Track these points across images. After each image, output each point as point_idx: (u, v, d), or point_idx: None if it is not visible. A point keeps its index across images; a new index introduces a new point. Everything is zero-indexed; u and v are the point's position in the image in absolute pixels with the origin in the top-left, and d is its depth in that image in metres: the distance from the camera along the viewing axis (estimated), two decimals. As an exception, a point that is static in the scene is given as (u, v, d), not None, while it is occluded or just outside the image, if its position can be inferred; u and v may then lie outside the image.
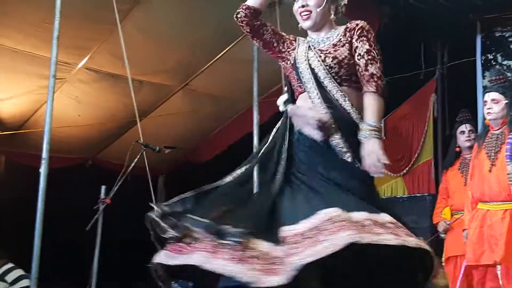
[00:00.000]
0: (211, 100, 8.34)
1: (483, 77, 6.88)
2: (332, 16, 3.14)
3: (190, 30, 6.95)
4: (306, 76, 3.01)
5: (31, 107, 7.82)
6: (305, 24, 3.13)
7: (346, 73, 2.97)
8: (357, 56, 2.97)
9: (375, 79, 2.90)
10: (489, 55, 7.05)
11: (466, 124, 5.62)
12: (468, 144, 5.55)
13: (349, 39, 3.03)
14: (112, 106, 7.96)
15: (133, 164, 5.53)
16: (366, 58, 2.94)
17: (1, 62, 6.90)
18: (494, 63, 6.97)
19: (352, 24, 3.08)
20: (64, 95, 7.56)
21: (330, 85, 2.96)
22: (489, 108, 4.44)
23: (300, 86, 3.05)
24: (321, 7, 3.08)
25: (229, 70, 7.67)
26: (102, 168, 8.64)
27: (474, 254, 4.32)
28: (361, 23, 3.06)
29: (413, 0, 6.93)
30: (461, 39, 7.35)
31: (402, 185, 7.82)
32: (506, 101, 4.40)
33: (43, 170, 4.34)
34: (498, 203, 4.29)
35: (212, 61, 7.51)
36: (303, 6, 3.09)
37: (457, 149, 5.66)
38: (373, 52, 2.96)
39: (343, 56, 2.98)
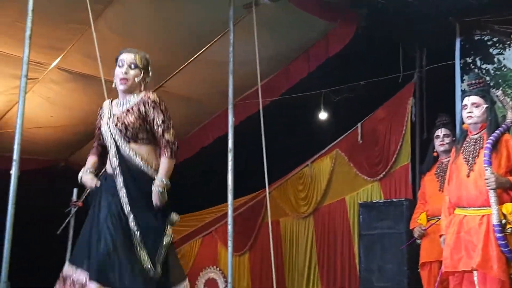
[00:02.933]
0: (184, 102, 8.31)
1: (462, 80, 6.90)
2: (142, 85, 3.94)
3: (165, 30, 6.92)
4: (108, 138, 3.86)
5: (2, 108, 7.76)
6: (120, 88, 3.93)
7: (133, 134, 3.79)
8: (155, 125, 3.79)
9: (170, 145, 3.77)
10: (468, 58, 7.08)
11: (442, 129, 5.65)
12: (442, 148, 5.59)
13: (142, 108, 3.81)
14: (85, 107, 7.89)
15: (106, 167, 5.46)
16: (162, 127, 3.77)
17: (-28, 61, 6.82)
18: (473, 66, 7.00)
19: (145, 96, 3.84)
20: (36, 95, 7.49)
21: (122, 144, 3.79)
22: (470, 112, 4.41)
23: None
24: (138, 78, 3.91)
25: (203, 72, 7.65)
26: (75, 170, 8.51)
27: (452, 260, 4.30)
28: (152, 96, 3.84)
29: (391, 2, 6.96)
30: (440, 42, 7.37)
31: (378, 189, 7.83)
32: (487, 105, 4.39)
33: (14, 172, 4.28)
34: (475, 208, 4.27)
35: (186, 63, 7.49)
36: (125, 73, 3.90)
37: (435, 153, 5.69)
38: (167, 122, 3.79)
39: (129, 121, 3.79)
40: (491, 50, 6.95)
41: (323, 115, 8.44)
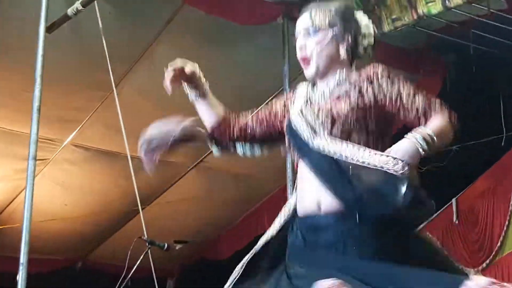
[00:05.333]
0: (232, 180, 8.34)
1: None
2: (343, 57, 2.92)
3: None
4: (303, 132, 2.90)
5: (7, 196, 7.87)
6: (305, 73, 2.98)
7: (342, 131, 2.81)
8: (405, 98, 2.76)
9: (437, 105, 2.71)
10: None
11: None
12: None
13: (365, 87, 2.83)
14: (107, 192, 7.98)
15: (135, 267, 5.47)
16: (417, 95, 2.75)
17: (-29, 141, 6.98)
18: None
19: (368, 71, 2.87)
20: (47, 179, 7.59)
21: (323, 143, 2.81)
22: None
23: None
24: (326, 45, 2.90)
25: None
26: (96, 272, 8.62)
27: None
28: (379, 66, 2.86)
29: (484, 45, 6.94)
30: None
31: (481, 283, 7.66)
32: None
33: (20, 278, 4.30)
34: None
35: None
36: (302, 49, 2.92)
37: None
38: (412, 87, 2.76)
39: (339, 110, 2.83)
40: None
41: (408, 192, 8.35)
